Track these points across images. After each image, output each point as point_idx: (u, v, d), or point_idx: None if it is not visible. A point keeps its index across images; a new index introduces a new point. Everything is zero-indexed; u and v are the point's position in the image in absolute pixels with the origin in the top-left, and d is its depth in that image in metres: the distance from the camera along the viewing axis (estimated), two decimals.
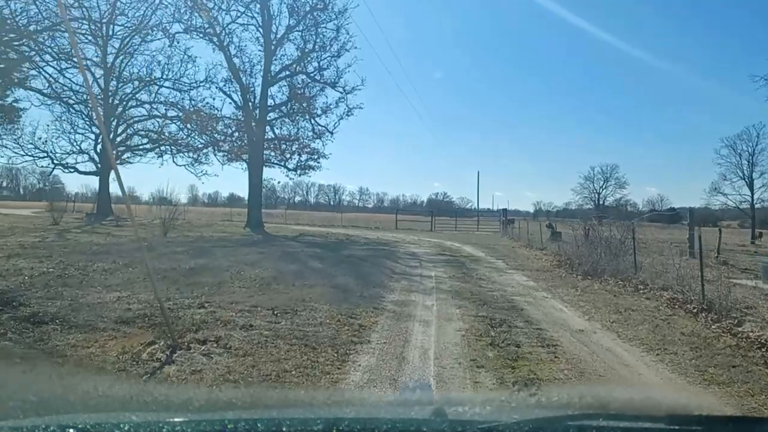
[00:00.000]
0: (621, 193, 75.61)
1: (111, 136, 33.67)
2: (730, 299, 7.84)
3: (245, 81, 28.45)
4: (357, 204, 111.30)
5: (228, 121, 29.42)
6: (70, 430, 1.32)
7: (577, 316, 7.76)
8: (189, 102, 31.09)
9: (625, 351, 5.81)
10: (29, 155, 32.57)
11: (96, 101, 20.78)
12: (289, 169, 30.42)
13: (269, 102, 29.10)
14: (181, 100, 31.64)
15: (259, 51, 28.65)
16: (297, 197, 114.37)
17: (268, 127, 29.56)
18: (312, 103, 29.50)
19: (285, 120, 30.33)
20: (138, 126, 34.57)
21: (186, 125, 30.47)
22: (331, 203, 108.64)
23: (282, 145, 30.07)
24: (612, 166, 75.59)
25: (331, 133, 30.02)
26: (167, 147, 32.90)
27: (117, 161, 34.69)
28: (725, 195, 48.73)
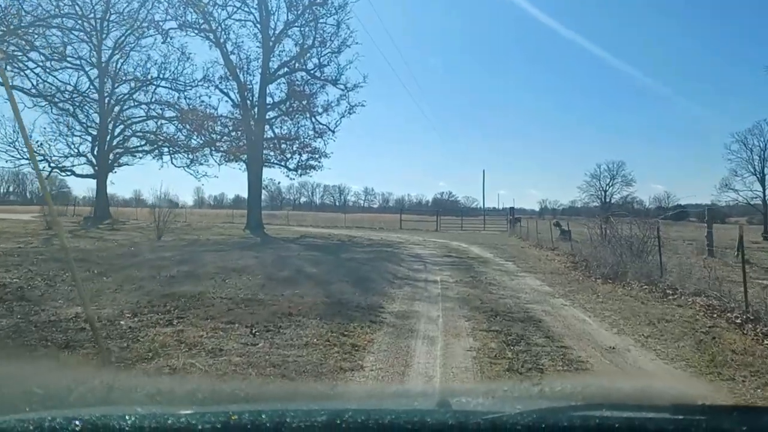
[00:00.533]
0: (628, 191, 74.05)
1: (108, 137, 32.95)
2: None
3: (243, 79, 27.60)
4: (362, 204, 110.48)
5: (225, 120, 28.54)
6: (76, 422, 1.27)
7: (604, 328, 6.77)
8: (185, 101, 30.29)
9: (673, 377, 4.82)
10: (24, 159, 31.84)
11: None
12: (290, 169, 29.53)
13: (268, 100, 28.23)
14: (178, 99, 30.87)
15: (257, 48, 27.81)
16: (302, 198, 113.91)
17: (267, 126, 28.69)
18: (312, 101, 28.62)
19: (285, 119, 29.47)
20: (135, 127, 33.80)
21: (185, 126, 29.62)
22: (337, 204, 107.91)
23: (282, 145, 29.18)
24: (618, 163, 74.02)
25: (333, 132, 29.15)
26: (165, 148, 32.11)
27: (115, 164, 34.04)
28: (736, 191, 47.47)
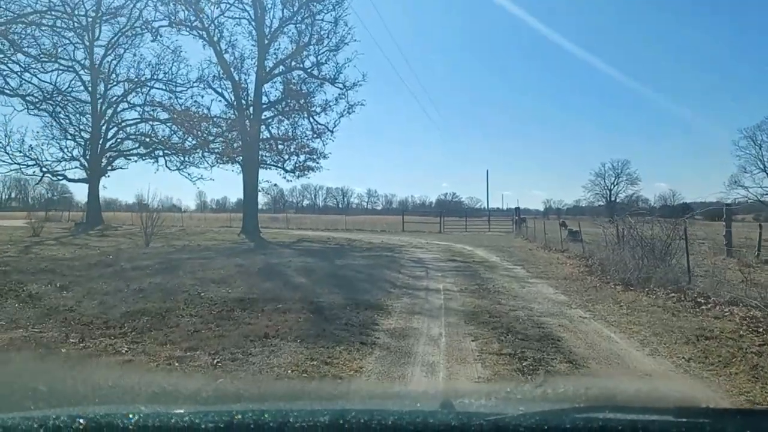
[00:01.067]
0: (633, 189, 72.90)
1: (101, 140, 32.13)
2: None
3: (238, 78, 26.73)
4: (365, 206, 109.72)
5: (219, 120, 27.64)
6: (80, 420, 1.27)
7: (635, 348, 5.75)
8: (178, 102, 29.44)
9: None
10: (16, 163, 31.08)
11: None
12: (287, 171, 28.62)
13: (264, 100, 27.33)
14: (170, 100, 30.02)
15: (252, 46, 26.97)
16: (305, 201, 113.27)
17: (263, 127, 27.78)
18: (310, 100, 27.71)
19: (281, 118, 28.57)
20: (129, 130, 32.98)
21: (180, 128, 28.72)
22: (339, 206, 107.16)
23: (278, 145, 28.26)
24: (623, 161, 73.07)
25: (332, 132, 28.27)
26: (160, 150, 31.26)
27: (108, 167, 33.20)
28: (746, 188, 46.29)
